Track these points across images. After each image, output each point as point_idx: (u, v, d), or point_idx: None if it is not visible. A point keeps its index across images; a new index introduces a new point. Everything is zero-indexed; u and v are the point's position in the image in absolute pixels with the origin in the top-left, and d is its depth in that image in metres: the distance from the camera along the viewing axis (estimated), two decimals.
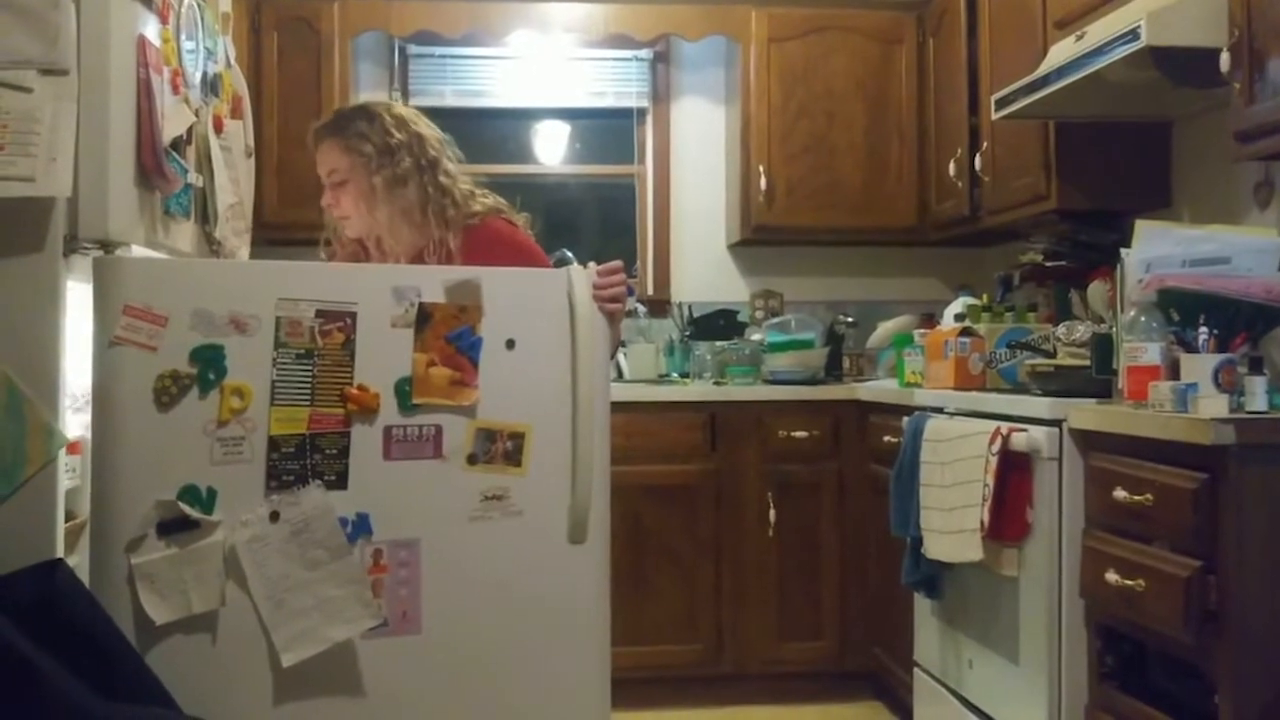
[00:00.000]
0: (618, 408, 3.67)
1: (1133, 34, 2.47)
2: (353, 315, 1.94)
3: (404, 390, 1.96)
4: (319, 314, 1.94)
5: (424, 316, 1.96)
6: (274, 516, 1.90)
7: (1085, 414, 2.39)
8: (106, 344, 1.91)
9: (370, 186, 2.30)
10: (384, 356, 1.95)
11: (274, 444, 1.91)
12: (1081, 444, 2.42)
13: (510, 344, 2.00)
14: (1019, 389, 2.93)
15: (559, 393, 2.04)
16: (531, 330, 2.02)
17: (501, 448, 1.98)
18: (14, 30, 1.88)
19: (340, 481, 1.92)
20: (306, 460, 1.92)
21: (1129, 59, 2.53)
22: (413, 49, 4.44)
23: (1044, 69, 2.91)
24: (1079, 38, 2.86)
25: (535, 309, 2.03)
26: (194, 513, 1.88)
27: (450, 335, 1.98)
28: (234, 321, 1.93)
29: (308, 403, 1.93)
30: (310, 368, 1.94)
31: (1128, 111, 3.05)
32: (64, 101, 1.89)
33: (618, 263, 2.14)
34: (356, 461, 1.93)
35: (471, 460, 1.97)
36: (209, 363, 1.93)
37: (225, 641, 1.89)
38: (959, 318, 3.37)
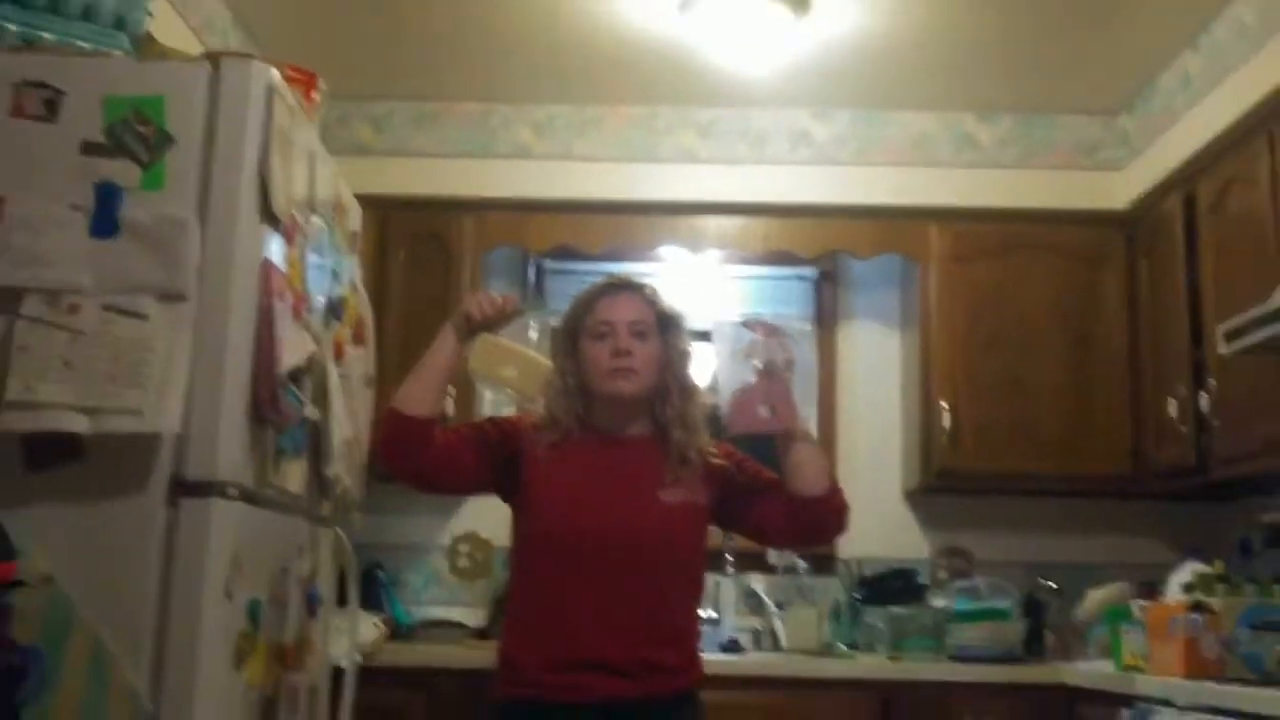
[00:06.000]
0: (771, 684, 3.65)
1: None
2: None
3: None
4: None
5: None
6: None
7: None
8: (222, 594, 2.01)
9: (667, 359, 2.54)
10: None
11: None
12: None
13: None
14: (1268, 680, 2.78)
15: None
16: None
17: None
18: (136, 256, 2.05)
19: None
20: None
21: None
22: (549, 264, 4.64)
23: None
24: None
25: None
26: None
27: None
28: (271, 577, 2.29)
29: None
30: None
31: None
32: (180, 330, 2.03)
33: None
34: None
35: None
36: (254, 618, 2.21)
37: None
38: (1188, 588, 3.24)
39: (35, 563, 1.92)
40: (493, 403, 3.93)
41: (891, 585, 4.17)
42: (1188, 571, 3.41)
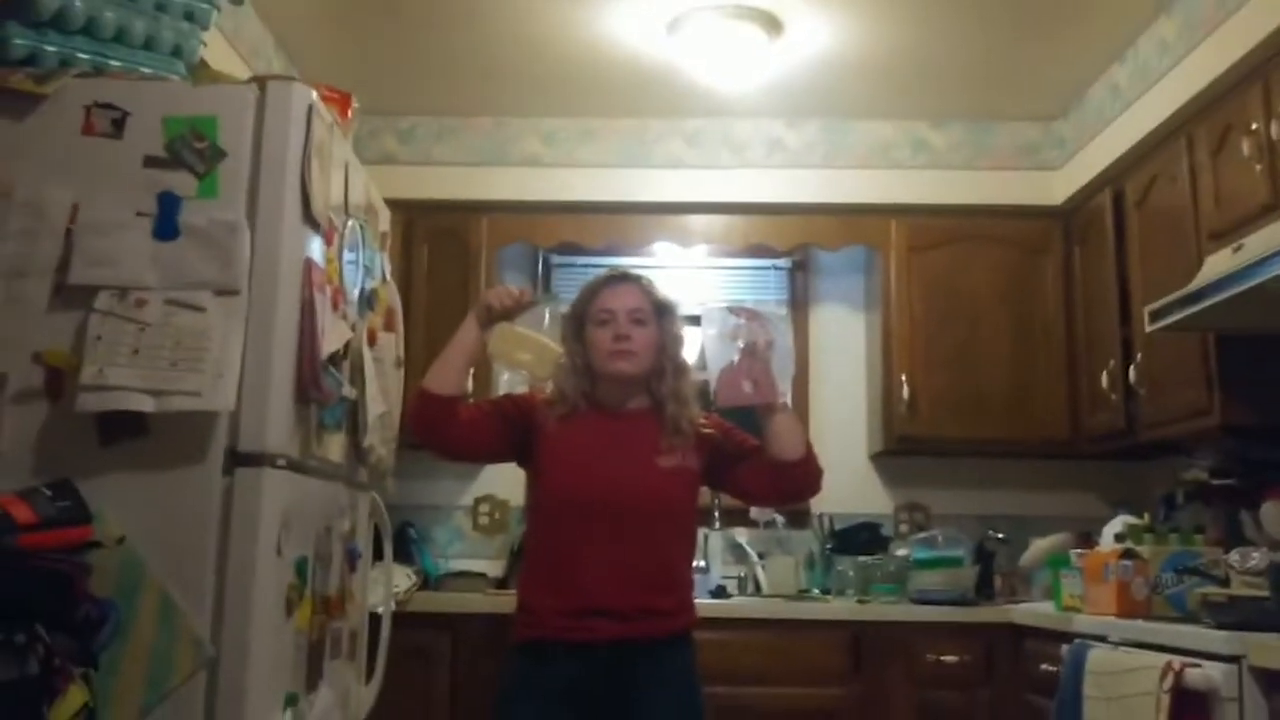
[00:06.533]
0: (754, 624, 3.66)
1: None
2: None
3: None
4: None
5: None
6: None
7: (1268, 651, 2.25)
8: (273, 552, 2.02)
9: (662, 343, 2.54)
10: None
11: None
12: (1264, 684, 2.27)
13: None
14: (1189, 618, 2.79)
15: None
16: None
17: None
18: (194, 256, 2.05)
19: None
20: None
21: None
22: (555, 259, 4.63)
23: (1200, 281, 2.88)
24: (1236, 249, 2.84)
25: None
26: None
27: None
28: (316, 536, 2.28)
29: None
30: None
31: None
32: (233, 320, 2.04)
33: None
34: None
35: None
36: (301, 572, 2.21)
37: None
38: (1119, 538, 3.25)
39: (109, 526, 1.93)
40: (508, 382, 3.93)
41: (859, 537, 4.18)
42: (1119, 523, 3.42)
